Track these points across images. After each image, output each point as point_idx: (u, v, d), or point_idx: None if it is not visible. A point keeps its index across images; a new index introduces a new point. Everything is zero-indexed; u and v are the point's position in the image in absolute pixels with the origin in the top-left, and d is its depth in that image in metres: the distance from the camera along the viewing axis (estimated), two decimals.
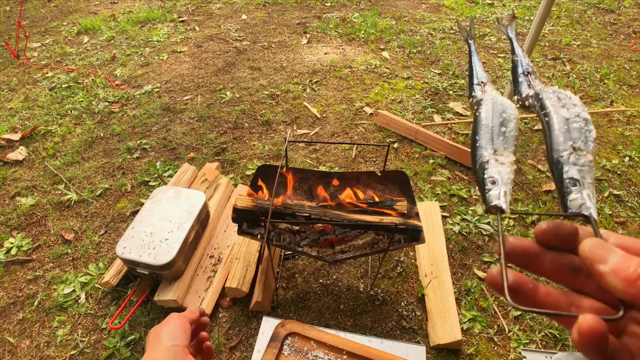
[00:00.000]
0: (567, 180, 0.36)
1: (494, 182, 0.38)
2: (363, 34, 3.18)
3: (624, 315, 0.24)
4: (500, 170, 0.40)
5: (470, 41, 0.66)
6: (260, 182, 1.21)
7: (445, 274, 1.35)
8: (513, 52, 0.55)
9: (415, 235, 1.09)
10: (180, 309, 1.29)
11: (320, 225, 1.11)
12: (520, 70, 0.54)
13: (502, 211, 0.35)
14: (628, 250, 0.24)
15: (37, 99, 2.38)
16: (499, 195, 0.36)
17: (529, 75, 0.53)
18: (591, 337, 0.21)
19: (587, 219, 0.33)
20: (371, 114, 2.24)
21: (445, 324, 1.20)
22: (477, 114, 0.47)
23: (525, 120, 2.20)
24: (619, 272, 0.22)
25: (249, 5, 3.78)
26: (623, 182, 1.84)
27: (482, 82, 0.56)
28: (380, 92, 2.45)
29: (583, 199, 0.34)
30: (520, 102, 0.50)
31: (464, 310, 1.31)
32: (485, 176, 0.39)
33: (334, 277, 1.41)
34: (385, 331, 1.25)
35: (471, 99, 0.53)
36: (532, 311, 0.26)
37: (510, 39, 0.60)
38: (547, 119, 0.43)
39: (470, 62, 0.58)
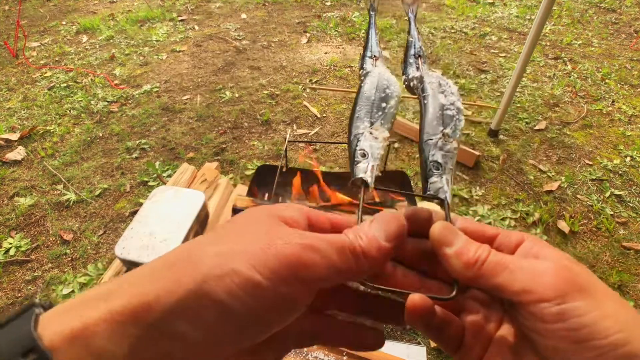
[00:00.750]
0: (431, 163, 0.37)
1: (364, 155, 0.38)
2: (363, 33, 3.17)
3: (455, 295, 0.25)
4: (372, 145, 0.40)
5: (372, 12, 0.67)
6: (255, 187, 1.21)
7: None
8: (409, 32, 0.55)
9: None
10: None
11: None
12: (412, 51, 0.54)
13: (366, 185, 0.35)
14: (470, 234, 0.25)
15: (36, 98, 2.37)
16: (366, 168, 0.36)
17: (419, 58, 0.54)
18: (415, 313, 0.24)
19: (442, 202, 0.34)
20: None
21: None
22: (361, 85, 0.47)
23: (527, 120, 2.19)
24: (461, 255, 0.23)
25: (248, 5, 3.77)
26: (624, 182, 1.84)
27: (374, 56, 0.56)
28: None
29: (442, 182, 0.36)
30: (406, 83, 0.51)
31: None
32: (357, 148, 0.39)
33: None
34: (385, 331, 1.24)
35: (361, 70, 0.53)
36: (379, 288, 0.27)
37: (409, 19, 0.60)
38: (425, 102, 0.45)
39: (367, 33, 0.59)
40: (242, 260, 0.19)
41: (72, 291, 1.34)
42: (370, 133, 0.40)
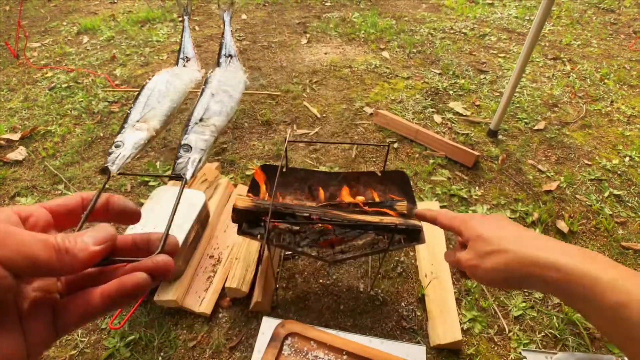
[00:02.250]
0: (183, 147, 0.44)
1: (117, 146, 0.42)
2: (363, 33, 3.18)
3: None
4: (133, 136, 0.46)
5: (185, 17, 0.73)
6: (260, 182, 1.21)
7: (445, 274, 1.35)
8: (223, 35, 0.62)
9: (415, 235, 1.09)
10: (181, 309, 1.29)
11: (320, 225, 1.11)
12: (224, 52, 0.63)
13: (109, 172, 0.40)
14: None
15: (37, 99, 2.38)
16: (115, 158, 0.41)
17: (230, 58, 0.63)
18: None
19: (180, 178, 0.40)
20: (371, 114, 2.24)
21: (446, 324, 1.20)
22: (149, 80, 0.53)
23: (526, 120, 2.20)
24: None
25: (248, 5, 3.78)
26: (623, 182, 1.84)
27: (186, 57, 0.64)
28: (380, 92, 2.45)
29: (187, 163, 0.43)
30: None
31: (464, 311, 1.31)
32: (115, 139, 0.44)
33: (334, 277, 1.41)
34: (385, 331, 1.25)
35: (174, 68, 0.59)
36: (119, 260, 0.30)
37: (224, 23, 0.67)
38: (200, 91, 0.52)
39: (182, 37, 0.66)
40: None
41: None
42: (133, 126, 0.46)
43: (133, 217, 0.34)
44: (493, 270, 0.45)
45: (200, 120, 0.46)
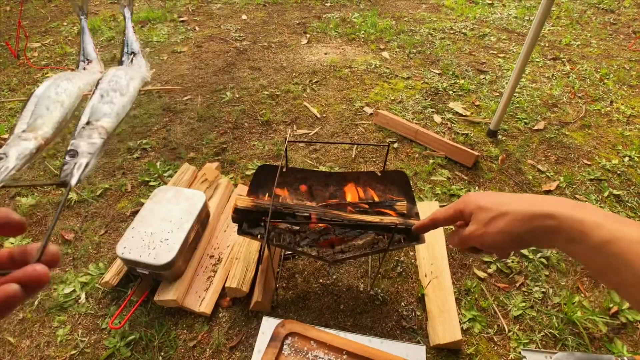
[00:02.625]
0: (69, 152, 0.44)
1: (0, 158, 0.43)
2: (363, 34, 3.18)
3: None
4: (18, 147, 0.46)
5: (82, 17, 0.74)
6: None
7: (445, 274, 1.35)
8: (124, 32, 0.62)
9: (415, 235, 1.09)
10: (181, 309, 1.29)
11: (320, 225, 1.11)
12: (125, 49, 0.63)
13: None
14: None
15: None
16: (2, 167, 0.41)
17: (132, 55, 0.62)
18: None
19: (64, 185, 0.40)
20: (371, 114, 2.24)
21: (445, 323, 1.20)
22: (38, 88, 0.54)
23: (525, 120, 2.20)
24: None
25: (249, 6, 3.78)
26: (623, 182, 1.85)
27: (87, 60, 0.64)
28: (380, 92, 2.45)
29: (73, 168, 0.42)
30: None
31: (464, 310, 1.31)
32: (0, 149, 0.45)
33: (334, 277, 1.41)
34: (385, 331, 1.25)
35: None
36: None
37: (125, 19, 0.68)
38: (91, 93, 0.51)
39: (81, 39, 0.67)
40: None
41: (74, 290, 1.35)
42: (19, 136, 0.46)
43: (16, 228, 0.32)
44: (499, 233, 0.48)
45: (87, 123, 0.46)
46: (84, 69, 0.57)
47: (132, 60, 0.57)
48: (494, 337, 1.25)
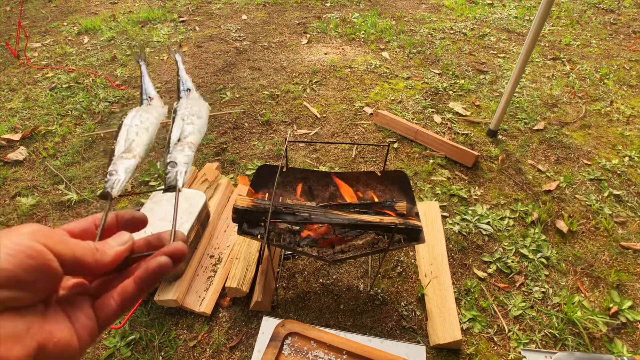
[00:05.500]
0: (169, 164, 0.52)
1: (112, 174, 0.50)
2: (363, 34, 3.18)
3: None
4: (123, 164, 0.54)
5: (141, 62, 0.84)
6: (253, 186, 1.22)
7: (445, 274, 1.35)
8: (178, 74, 0.75)
9: (415, 235, 1.09)
10: (181, 309, 1.29)
11: (320, 225, 1.11)
12: (182, 87, 0.75)
13: (111, 196, 0.49)
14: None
15: (38, 99, 2.38)
16: (112, 184, 0.50)
17: (188, 91, 0.75)
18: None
19: (174, 189, 0.49)
20: (371, 114, 2.24)
21: (445, 323, 1.20)
22: (125, 119, 0.66)
23: (525, 121, 2.20)
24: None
25: (249, 6, 3.78)
26: (623, 182, 1.85)
27: (149, 97, 0.76)
28: (380, 92, 2.45)
29: (176, 175, 0.51)
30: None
31: (463, 310, 1.31)
32: (108, 169, 0.53)
33: (334, 277, 1.41)
34: (385, 331, 1.25)
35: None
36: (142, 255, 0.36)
37: (177, 62, 0.81)
38: (172, 119, 0.63)
39: (141, 80, 0.77)
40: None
41: None
42: (121, 157, 0.56)
43: (142, 222, 0.40)
44: None
45: (178, 140, 0.59)
46: (149, 104, 0.69)
47: (188, 95, 0.69)
48: (494, 337, 1.25)
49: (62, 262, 0.28)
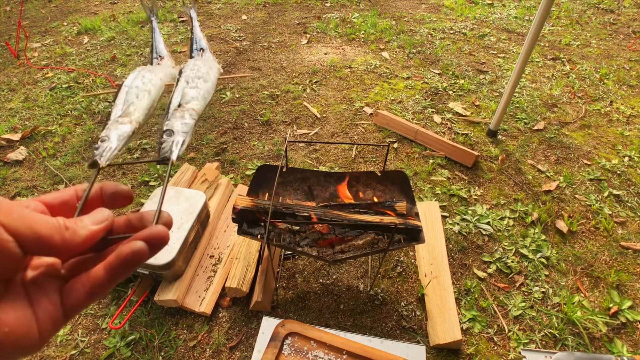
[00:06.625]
0: (165, 132, 0.46)
1: (103, 140, 0.46)
2: (363, 34, 3.18)
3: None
4: (117, 130, 0.50)
5: (152, 17, 0.81)
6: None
7: (445, 273, 1.35)
8: (192, 31, 0.70)
9: (415, 235, 1.09)
10: (181, 309, 1.29)
11: (320, 225, 1.11)
12: (195, 46, 0.71)
13: (98, 164, 0.43)
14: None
15: (37, 99, 2.38)
16: (102, 151, 0.44)
17: (202, 51, 0.67)
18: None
19: (166, 161, 0.43)
20: (371, 114, 2.24)
21: (445, 323, 1.20)
22: (126, 79, 0.60)
23: (525, 121, 2.20)
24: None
25: (249, 6, 3.78)
26: (623, 182, 1.85)
27: (159, 56, 0.72)
28: (380, 92, 2.45)
29: (171, 145, 0.44)
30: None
31: (463, 310, 1.31)
32: (101, 134, 0.48)
33: (334, 277, 1.41)
34: (385, 331, 1.25)
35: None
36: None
37: (191, 19, 0.75)
38: (176, 82, 0.54)
39: (152, 37, 0.75)
40: None
41: None
42: (117, 121, 0.51)
43: (126, 198, 0.35)
44: None
45: (179, 106, 0.52)
46: (158, 64, 0.63)
47: (201, 56, 0.63)
48: (494, 337, 1.25)
49: (22, 241, 0.24)
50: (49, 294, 0.28)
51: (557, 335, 1.25)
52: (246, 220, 1.12)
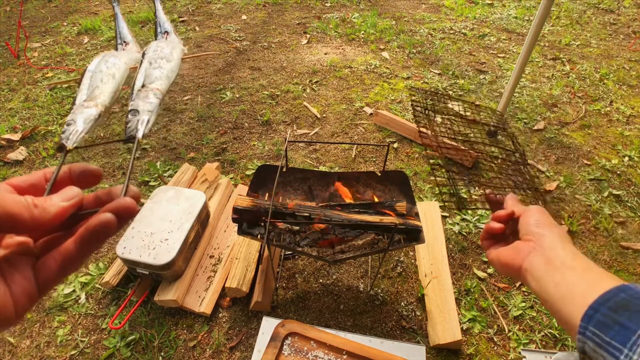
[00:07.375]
0: (130, 111, 0.48)
1: (69, 124, 0.47)
2: (363, 34, 3.18)
3: None
4: (83, 114, 0.51)
5: (114, 4, 0.84)
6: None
7: (445, 274, 1.35)
8: (155, 14, 0.72)
9: (415, 235, 1.09)
10: (181, 309, 1.29)
11: (320, 226, 1.11)
12: (159, 30, 0.73)
13: (65, 147, 0.45)
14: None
15: (37, 99, 2.38)
16: (69, 135, 0.46)
17: (166, 34, 0.70)
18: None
19: (132, 140, 0.45)
20: (371, 114, 2.24)
21: (445, 324, 1.20)
22: (90, 64, 0.62)
23: (525, 121, 2.20)
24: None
25: (249, 6, 3.78)
26: (622, 182, 1.85)
27: (124, 42, 0.75)
28: (380, 92, 2.45)
29: (137, 124, 0.46)
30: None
31: (463, 310, 1.31)
32: (67, 119, 0.49)
33: (334, 277, 1.41)
34: (385, 331, 1.25)
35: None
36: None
37: (155, 2, 0.77)
38: (139, 63, 0.56)
39: (115, 24, 0.78)
40: None
41: (74, 290, 1.35)
42: (82, 105, 0.52)
43: (95, 176, 0.36)
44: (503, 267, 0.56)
45: (143, 86, 0.54)
46: (123, 49, 0.66)
47: (166, 38, 0.65)
48: (494, 337, 1.25)
49: None
50: (22, 271, 0.29)
51: (557, 335, 1.25)
52: (246, 220, 1.12)
